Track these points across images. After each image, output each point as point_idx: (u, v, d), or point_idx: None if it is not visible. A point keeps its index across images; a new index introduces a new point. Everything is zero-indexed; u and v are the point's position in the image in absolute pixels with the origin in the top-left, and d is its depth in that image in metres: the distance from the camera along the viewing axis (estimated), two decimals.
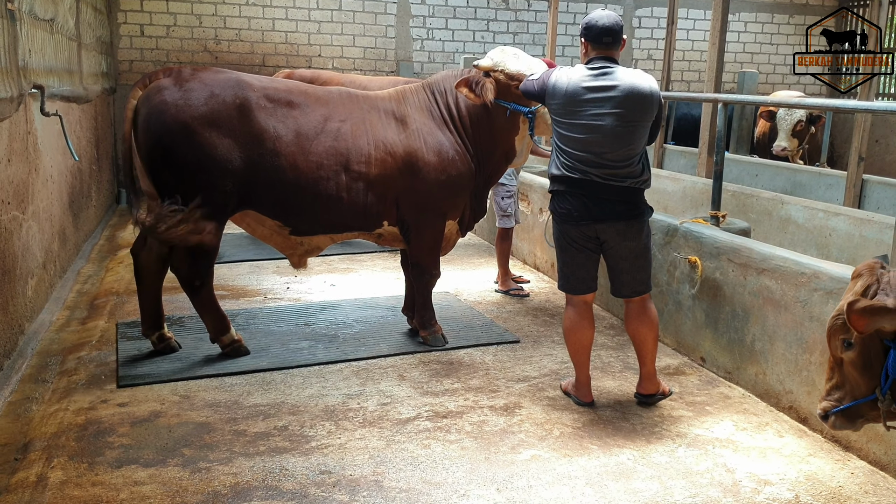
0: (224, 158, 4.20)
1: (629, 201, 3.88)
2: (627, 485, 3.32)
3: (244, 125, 4.24)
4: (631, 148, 3.82)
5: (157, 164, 4.23)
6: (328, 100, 4.55)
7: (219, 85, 4.25)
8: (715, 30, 6.94)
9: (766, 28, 13.56)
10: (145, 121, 4.19)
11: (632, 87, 3.78)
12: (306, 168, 4.37)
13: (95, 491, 3.16)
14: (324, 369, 4.52)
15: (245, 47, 11.03)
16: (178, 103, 4.14)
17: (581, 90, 3.81)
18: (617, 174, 3.82)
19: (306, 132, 4.38)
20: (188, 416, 3.87)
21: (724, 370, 4.54)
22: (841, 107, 5.62)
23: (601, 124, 3.77)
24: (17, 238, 4.71)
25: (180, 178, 4.21)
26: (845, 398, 2.37)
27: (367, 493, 3.19)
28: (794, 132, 8.70)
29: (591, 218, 3.87)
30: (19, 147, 4.85)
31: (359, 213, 4.57)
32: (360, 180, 4.50)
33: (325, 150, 4.40)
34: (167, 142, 4.15)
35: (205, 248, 4.37)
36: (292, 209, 4.47)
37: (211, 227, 4.31)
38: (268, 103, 4.33)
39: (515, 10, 12.30)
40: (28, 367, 4.49)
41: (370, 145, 4.51)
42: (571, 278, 4.06)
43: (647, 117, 3.85)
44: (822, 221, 5.87)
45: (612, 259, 4.01)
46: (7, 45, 4.56)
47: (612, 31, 3.84)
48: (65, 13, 6.68)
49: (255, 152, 4.27)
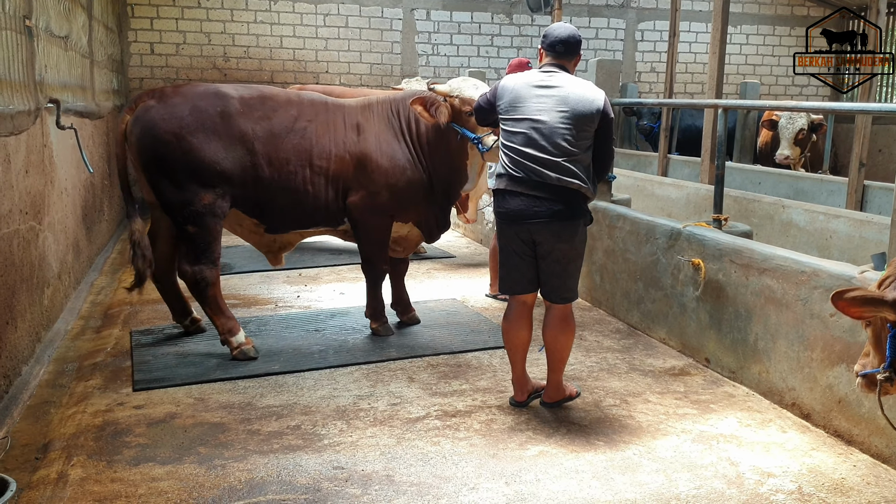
0: (213, 160, 4.60)
1: (567, 201, 3.85)
2: (633, 478, 3.40)
3: (227, 129, 4.65)
4: (573, 148, 3.83)
5: (156, 174, 4.65)
6: (298, 102, 4.93)
7: (199, 96, 4.68)
8: (715, 39, 7.06)
9: (767, 40, 13.69)
10: (139, 138, 4.61)
11: (576, 89, 3.89)
12: (278, 163, 4.76)
13: (114, 487, 3.25)
14: (334, 372, 4.61)
15: (253, 64, 11.20)
16: (165, 117, 4.58)
17: (528, 87, 3.95)
18: (556, 173, 3.81)
19: (278, 131, 4.77)
20: (203, 417, 3.96)
21: (729, 370, 4.61)
22: (840, 109, 5.71)
23: (545, 119, 3.84)
24: (34, 248, 4.82)
25: (178, 183, 4.60)
26: (868, 366, 2.54)
27: (378, 487, 3.27)
28: (797, 141, 8.79)
29: (528, 216, 3.86)
30: (36, 159, 4.98)
31: (321, 207, 4.93)
32: (321, 175, 4.87)
33: (293, 146, 4.79)
34: (162, 152, 4.57)
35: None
36: (267, 205, 4.84)
37: None
38: (245, 108, 4.73)
39: (519, 24, 12.47)
40: (45, 373, 4.59)
41: (331, 143, 4.89)
42: (507, 279, 4.11)
43: (590, 123, 3.87)
44: (822, 224, 5.95)
45: (545, 262, 3.97)
46: (25, 61, 4.70)
47: (566, 42, 4.00)
48: (78, 31, 6.84)
49: (238, 153, 4.67)
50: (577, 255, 4.02)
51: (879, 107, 6.15)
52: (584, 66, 12.48)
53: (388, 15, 11.84)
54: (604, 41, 12.99)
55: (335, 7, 11.57)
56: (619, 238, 5.78)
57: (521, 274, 4.04)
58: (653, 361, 4.90)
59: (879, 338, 2.45)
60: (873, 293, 2.32)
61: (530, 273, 4.03)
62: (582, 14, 12.75)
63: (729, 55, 11.61)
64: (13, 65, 4.44)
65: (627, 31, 13.09)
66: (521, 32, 12.50)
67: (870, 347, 2.53)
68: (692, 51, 13.31)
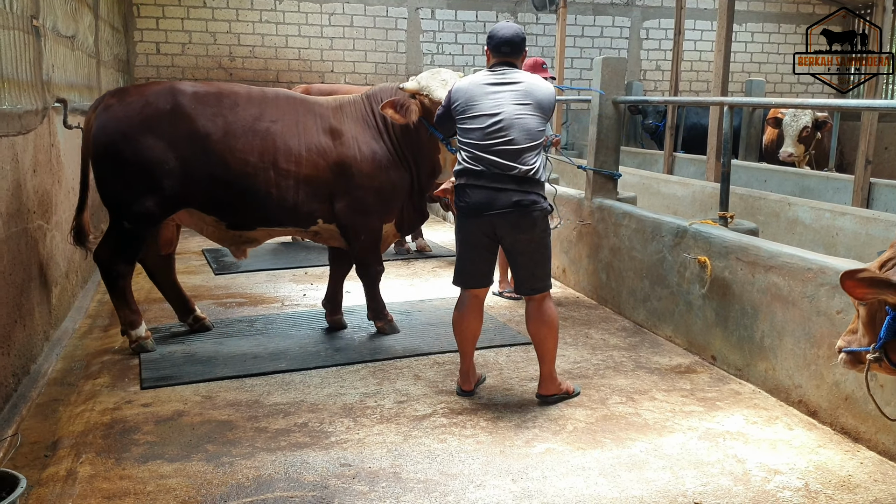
0: (161, 160, 4.56)
1: (524, 190, 3.95)
2: (640, 475, 3.40)
3: (176, 128, 4.58)
4: (528, 137, 3.97)
5: (106, 172, 4.66)
6: (262, 101, 4.82)
7: (153, 94, 4.65)
8: (720, 37, 7.05)
9: (772, 38, 13.67)
10: (95, 135, 4.62)
11: (537, 82, 4.10)
12: (235, 164, 4.65)
13: (123, 484, 3.27)
14: (341, 370, 4.63)
15: (259, 63, 11.23)
16: (118, 115, 4.58)
17: (482, 86, 4.07)
18: (514, 162, 3.94)
19: (234, 130, 4.66)
20: (210, 415, 3.97)
21: (735, 367, 4.61)
22: (846, 105, 5.71)
23: (499, 112, 3.98)
24: (42, 247, 4.85)
25: (124, 182, 4.60)
26: (853, 343, 2.60)
27: (385, 484, 3.28)
28: (801, 138, 8.78)
29: (488, 209, 3.96)
30: (44, 158, 5.00)
31: (289, 209, 4.82)
32: (290, 178, 4.76)
33: (252, 147, 4.67)
34: (112, 150, 4.57)
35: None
36: (225, 204, 4.78)
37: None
38: (197, 105, 4.64)
39: (524, 23, 12.47)
40: (53, 371, 4.61)
41: (301, 146, 4.78)
42: (463, 272, 4.22)
43: (542, 112, 4.06)
44: (828, 221, 5.94)
45: (509, 254, 4.12)
46: (32, 60, 4.73)
47: (511, 41, 4.13)
48: (85, 30, 6.87)
49: (188, 151, 4.60)
50: (542, 245, 4.10)
51: (886, 103, 6.16)
52: (588, 65, 12.52)
53: (393, 14, 11.86)
54: (609, 39, 12.99)
55: (340, 6, 11.58)
56: (624, 236, 5.78)
57: (476, 268, 4.17)
58: (659, 359, 4.91)
59: (874, 318, 2.50)
60: (882, 275, 2.36)
61: (485, 267, 4.18)
62: (587, 12, 12.75)
63: (734, 53, 11.59)
64: (21, 64, 4.46)
65: (632, 29, 13.08)
66: (525, 31, 12.40)
67: (859, 325, 2.58)
68: (697, 49, 13.30)
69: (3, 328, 3.90)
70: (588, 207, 6.36)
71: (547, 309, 4.16)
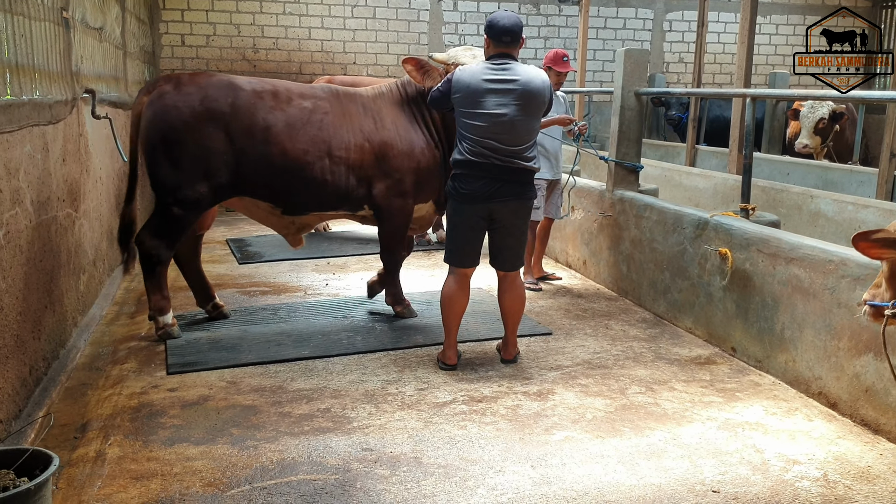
0: (220, 149, 4.74)
1: (524, 182, 4.37)
2: (658, 463, 3.43)
3: (238, 120, 4.76)
4: (528, 135, 4.32)
5: (160, 159, 4.77)
6: (312, 95, 5.05)
7: (213, 86, 4.80)
8: (744, 29, 7.02)
9: (797, 30, 13.54)
10: (150, 121, 4.74)
11: (528, 82, 4.26)
12: (294, 154, 4.85)
13: (150, 465, 3.34)
14: (363, 358, 4.69)
15: (282, 55, 11.30)
16: (177, 104, 4.71)
17: (482, 83, 4.24)
18: (515, 158, 4.28)
19: (293, 122, 4.87)
20: (235, 400, 4.05)
21: (755, 359, 4.61)
22: (869, 98, 5.67)
23: (503, 113, 4.22)
24: (71, 234, 4.94)
25: (179, 169, 4.75)
26: (877, 297, 2.66)
27: (406, 469, 3.34)
28: (817, 129, 8.72)
29: (491, 197, 4.30)
30: (72, 148, 5.09)
31: (342, 194, 5.05)
32: (342, 164, 4.97)
33: (310, 138, 4.89)
34: (172, 137, 4.71)
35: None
36: (282, 192, 4.95)
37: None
38: (257, 99, 4.84)
39: (546, 14, 12.45)
40: (82, 357, 4.71)
41: (350, 133, 5.00)
42: (459, 253, 4.49)
43: (540, 109, 4.37)
44: (851, 214, 5.91)
45: (501, 236, 4.46)
46: (62, 51, 4.81)
47: (512, 31, 4.28)
48: (112, 22, 6.96)
49: (247, 142, 4.77)
50: (527, 228, 4.61)
51: None
52: (611, 56, 12.48)
53: (416, 5, 11.87)
54: (631, 31, 12.92)
55: None
56: (646, 228, 5.79)
57: (473, 248, 4.48)
58: (679, 350, 4.92)
59: (893, 274, 2.58)
60: (888, 234, 2.42)
61: (478, 248, 4.51)
62: (610, 4, 12.69)
63: (758, 45, 11.50)
64: (51, 55, 4.55)
65: (655, 20, 13.01)
66: (548, 22, 12.47)
67: (883, 280, 2.65)
68: (721, 41, 13.20)
69: (33, 313, 3.99)
70: (609, 199, 6.37)
71: (519, 283, 4.62)
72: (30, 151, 4.02)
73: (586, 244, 6.82)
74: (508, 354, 4.65)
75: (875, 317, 2.67)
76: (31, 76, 4.18)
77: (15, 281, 3.67)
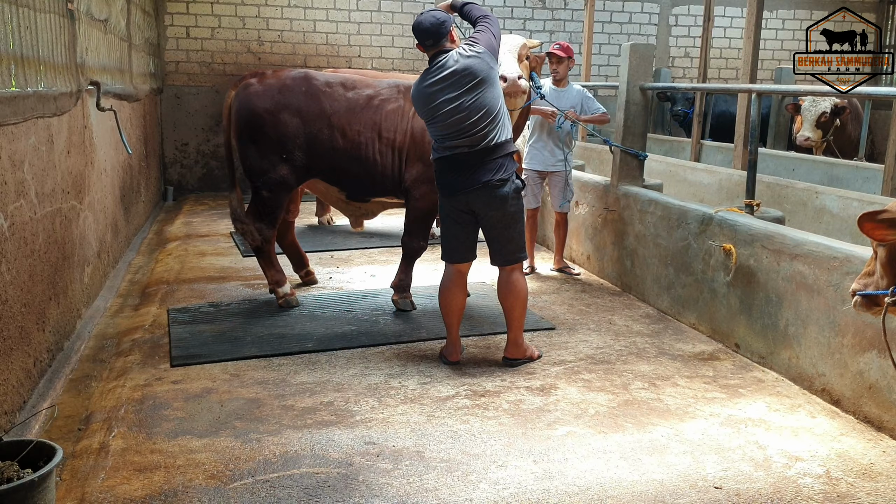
0: (295, 134, 5.25)
1: (491, 168, 4.24)
2: (661, 459, 3.43)
3: (309, 106, 5.27)
4: (486, 112, 4.21)
5: (247, 142, 5.31)
6: (375, 84, 5.52)
7: (290, 78, 5.37)
8: (750, 24, 6.99)
9: (803, 25, 13.47)
10: (238, 111, 5.32)
11: (454, 64, 4.22)
12: (351, 135, 5.31)
13: (154, 458, 3.36)
14: (366, 351, 4.70)
15: (287, 48, 11.28)
16: (258, 92, 5.30)
17: (425, 89, 4.29)
18: (478, 138, 4.22)
19: (353, 107, 5.34)
20: (238, 393, 4.06)
21: (758, 355, 4.61)
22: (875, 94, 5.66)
23: (453, 104, 4.20)
24: (75, 226, 4.95)
25: (263, 153, 5.28)
26: (870, 286, 2.56)
27: (409, 463, 3.34)
28: (818, 123, 8.69)
29: (461, 188, 4.28)
30: (77, 140, 5.10)
31: (388, 176, 5.39)
32: (389, 146, 5.35)
33: (365, 119, 5.33)
34: (254, 123, 5.26)
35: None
36: (342, 173, 5.39)
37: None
38: (327, 88, 5.36)
39: (552, 8, 12.41)
40: (86, 349, 4.72)
41: (397, 117, 5.37)
42: (447, 247, 4.53)
43: (483, 81, 4.22)
44: (856, 211, 5.88)
45: (485, 228, 4.43)
46: (67, 43, 4.81)
47: (429, 33, 4.30)
48: (117, 14, 6.96)
49: (317, 127, 5.27)
50: (513, 220, 4.40)
51: None
52: (616, 51, 12.45)
53: None
54: (637, 25, 12.89)
55: None
56: (650, 223, 5.78)
57: (460, 243, 4.47)
58: (682, 346, 4.92)
59: (894, 260, 2.46)
60: (891, 215, 2.35)
61: (468, 242, 4.48)
62: None
63: (764, 40, 11.47)
64: (56, 47, 4.54)
65: (661, 15, 12.97)
66: (553, 16, 12.44)
67: (876, 267, 2.54)
68: (727, 36, 13.15)
69: (38, 305, 4.00)
70: (614, 194, 6.36)
71: (517, 280, 4.47)
72: (34, 143, 4.03)
73: (590, 239, 6.81)
74: (509, 353, 4.57)
75: (867, 306, 2.57)
76: (36, 68, 4.18)
77: (19, 273, 3.68)
